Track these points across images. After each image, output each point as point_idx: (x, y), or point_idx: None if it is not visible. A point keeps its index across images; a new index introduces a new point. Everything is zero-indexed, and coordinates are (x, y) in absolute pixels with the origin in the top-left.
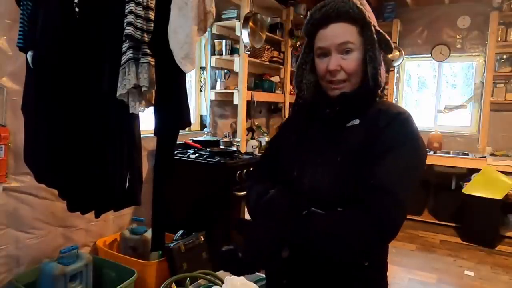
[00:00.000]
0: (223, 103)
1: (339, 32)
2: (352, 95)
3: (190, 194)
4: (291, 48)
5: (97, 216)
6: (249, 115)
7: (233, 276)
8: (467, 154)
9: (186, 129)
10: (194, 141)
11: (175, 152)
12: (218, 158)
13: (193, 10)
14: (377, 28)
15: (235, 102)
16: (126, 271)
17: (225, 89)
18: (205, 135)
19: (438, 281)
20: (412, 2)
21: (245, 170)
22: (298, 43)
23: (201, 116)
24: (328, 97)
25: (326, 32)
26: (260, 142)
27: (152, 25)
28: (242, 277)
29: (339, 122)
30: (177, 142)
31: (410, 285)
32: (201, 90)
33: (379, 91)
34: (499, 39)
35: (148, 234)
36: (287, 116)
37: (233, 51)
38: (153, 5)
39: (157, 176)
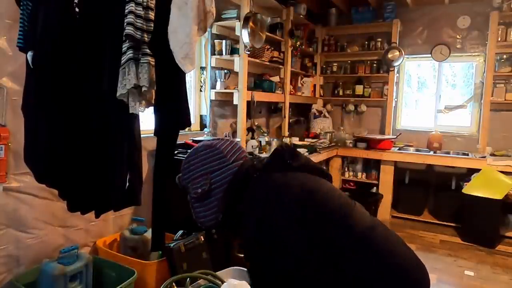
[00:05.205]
0: (223, 103)
1: None
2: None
3: None
4: (291, 48)
5: (97, 216)
6: (249, 115)
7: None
8: (467, 154)
9: (186, 129)
10: (194, 141)
11: (175, 152)
12: None
13: (193, 10)
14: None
15: (235, 102)
16: (126, 271)
17: (225, 89)
18: (205, 135)
19: (438, 281)
20: (412, 2)
21: None
22: (298, 43)
23: (201, 116)
24: None
25: None
26: (260, 142)
27: (152, 25)
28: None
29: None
30: (177, 142)
31: None
32: (201, 90)
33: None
34: (499, 39)
35: (148, 234)
36: (287, 116)
37: (233, 51)
38: (153, 5)
39: (157, 176)
